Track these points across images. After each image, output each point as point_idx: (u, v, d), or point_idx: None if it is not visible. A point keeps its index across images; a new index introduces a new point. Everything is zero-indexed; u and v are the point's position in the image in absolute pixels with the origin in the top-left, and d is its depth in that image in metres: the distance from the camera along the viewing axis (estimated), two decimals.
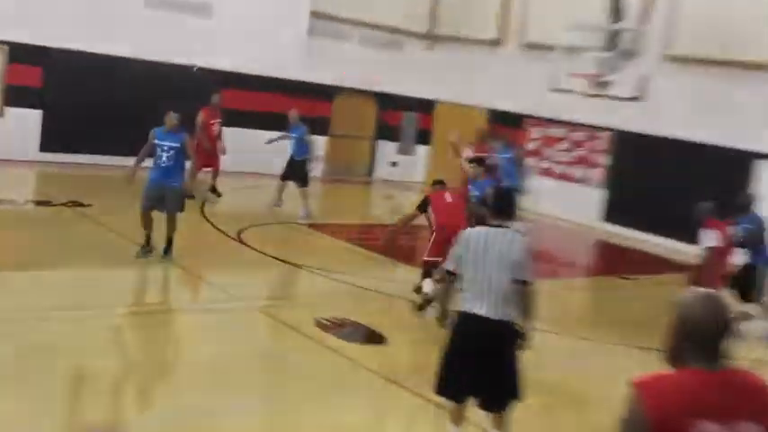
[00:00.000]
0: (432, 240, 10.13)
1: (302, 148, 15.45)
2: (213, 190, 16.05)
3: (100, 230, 12.10)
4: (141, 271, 10.38)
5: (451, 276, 6.08)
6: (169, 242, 10.74)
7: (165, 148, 10.73)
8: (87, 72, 17.34)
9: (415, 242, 14.58)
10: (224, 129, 16.26)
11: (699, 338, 2.89)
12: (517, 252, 5.85)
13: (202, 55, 18.76)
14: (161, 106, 10.85)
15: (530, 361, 6.05)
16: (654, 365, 3.07)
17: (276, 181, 15.47)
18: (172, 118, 10.87)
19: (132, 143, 15.12)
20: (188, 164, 11.59)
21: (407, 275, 12.30)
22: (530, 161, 18.36)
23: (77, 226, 12.32)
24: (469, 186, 11.60)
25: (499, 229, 5.96)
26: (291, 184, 15.29)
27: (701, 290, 3.03)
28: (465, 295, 5.92)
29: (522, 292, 5.87)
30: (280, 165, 15.51)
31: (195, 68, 18.73)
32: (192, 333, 8.79)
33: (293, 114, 15.82)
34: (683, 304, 2.96)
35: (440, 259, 9.08)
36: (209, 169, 15.76)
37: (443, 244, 9.82)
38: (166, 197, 10.69)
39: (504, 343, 5.91)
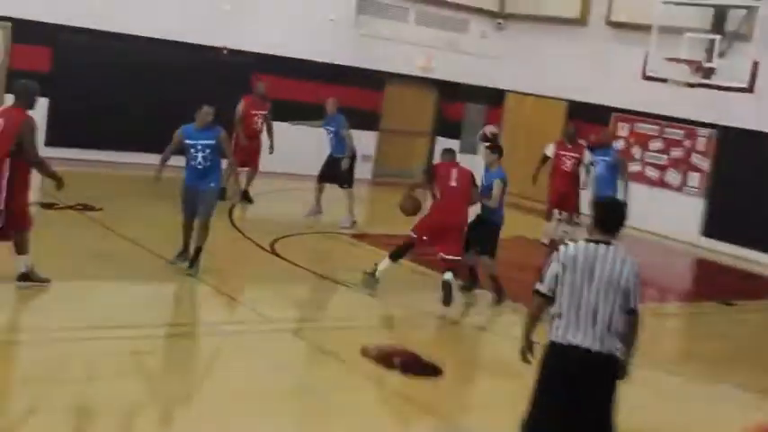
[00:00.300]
0: (425, 216, 11.38)
1: (342, 143, 15.48)
2: (245, 195, 16.26)
3: (111, 238, 12.24)
4: (160, 285, 10.48)
5: (542, 298, 6.06)
6: (197, 253, 10.86)
7: (200, 147, 10.90)
8: (102, 55, 17.51)
9: None
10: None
11: None
12: (629, 276, 5.87)
13: (233, 35, 18.96)
14: (184, 95, 10.98)
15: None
16: (764, 410, 3.00)
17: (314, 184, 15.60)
18: (205, 113, 11.01)
19: (151, 138, 15.47)
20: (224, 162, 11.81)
21: (471, 298, 12.31)
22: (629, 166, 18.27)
23: (86, 231, 12.47)
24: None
25: (607, 247, 5.95)
26: (330, 188, 15.34)
27: None
28: (560, 323, 5.90)
29: (629, 322, 5.95)
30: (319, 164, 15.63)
31: (225, 51, 18.91)
32: (216, 358, 8.85)
33: (331, 103, 15.83)
34: None
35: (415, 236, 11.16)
36: (245, 169, 15.95)
37: (434, 225, 11.23)
38: (199, 200, 10.90)
39: (607, 379, 5.92)
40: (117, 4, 17.52)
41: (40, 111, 16.76)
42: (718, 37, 17.41)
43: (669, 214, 18.95)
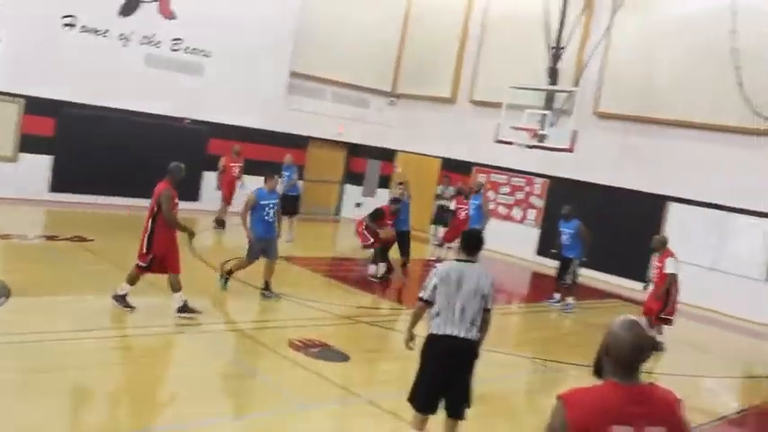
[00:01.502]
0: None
1: (295, 185, 17.17)
2: (220, 222, 17.41)
3: (99, 262, 12.15)
4: (134, 299, 10.42)
5: (423, 303, 6.24)
6: (267, 284, 11.43)
7: (271, 205, 11.24)
8: (94, 123, 17.38)
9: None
10: (215, 173, 17.81)
11: (618, 357, 3.03)
12: (487, 286, 6.16)
13: (193, 109, 18.98)
14: (156, 153, 10.96)
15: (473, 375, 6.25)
16: (581, 380, 3.27)
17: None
18: (275, 181, 11.58)
19: (131, 187, 15.42)
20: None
21: (371, 303, 12.52)
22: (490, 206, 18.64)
23: (80, 257, 12.37)
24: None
25: (471, 265, 6.22)
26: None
27: (628, 317, 3.14)
28: (438, 320, 6.10)
29: (485, 318, 6.21)
30: None
31: (187, 121, 18.91)
32: (179, 352, 8.90)
33: (289, 158, 17.58)
34: (612, 328, 3.10)
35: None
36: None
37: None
38: (271, 246, 11.34)
39: (470, 358, 6.13)
40: (105, 84, 17.40)
41: (45, 164, 16.78)
42: (548, 112, 17.66)
43: (514, 240, 19.30)
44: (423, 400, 6.14)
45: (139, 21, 17.97)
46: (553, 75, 18.32)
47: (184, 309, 9.58)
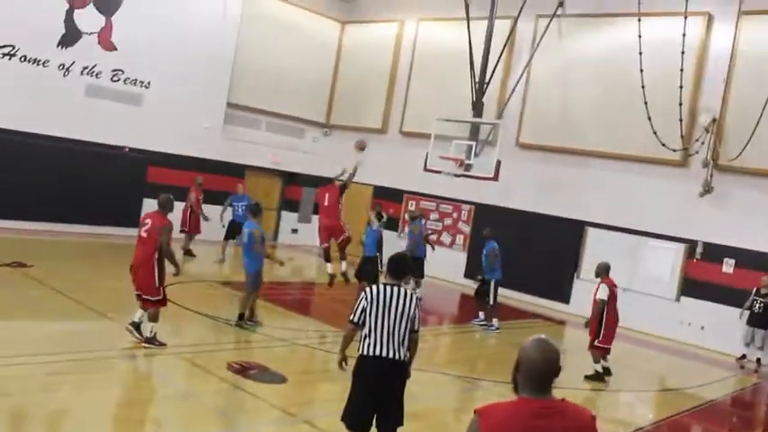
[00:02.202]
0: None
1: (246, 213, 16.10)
2: (188, 252, 17.20)
3: (39, 287, 11.77)
4: (73, 323, 10.14)
5: (353, 326, 6.11)
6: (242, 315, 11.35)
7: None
8: (31, 151, 16.87)
9: (308, 297, 14.73)
10: (180, 204, 16.51)
11: (529, 373, 3.06)
12: (413, 308, 6.03)
13: (133, 138, 18.65)
14: (97, 180, 10.66)
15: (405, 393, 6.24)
16: (505, 396, 3.29)
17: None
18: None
19: (66, 213, 14.95)
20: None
21: (307, 326, 12.43)
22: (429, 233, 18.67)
23: (20, 282, 11.96)
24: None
25: (399, 288, 6.07)
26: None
27: (539, 336, 3.17)
28: (369, 341, 5.98)
29: (413, 339, 6.09)
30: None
31: (126, 149, 18.57)
32: (119, 376, 8.66)
33: (241, 187, 17.96)
34: (523, 346, 3.15)
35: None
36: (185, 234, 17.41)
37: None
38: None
39: (400, 378, 6.05)
40: (44, 113, 16.99)
41: None
42: (474, 143, 17.80)
43: (443, 264, 19.24)
44: (354, 418, 6.03)
45: (79, 52, 17.63)
46: (478, 107, 18.57)
47: (153, 340, 9.40)
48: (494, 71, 18.49)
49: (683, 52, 15.16)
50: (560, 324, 16.59)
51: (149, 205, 18.10)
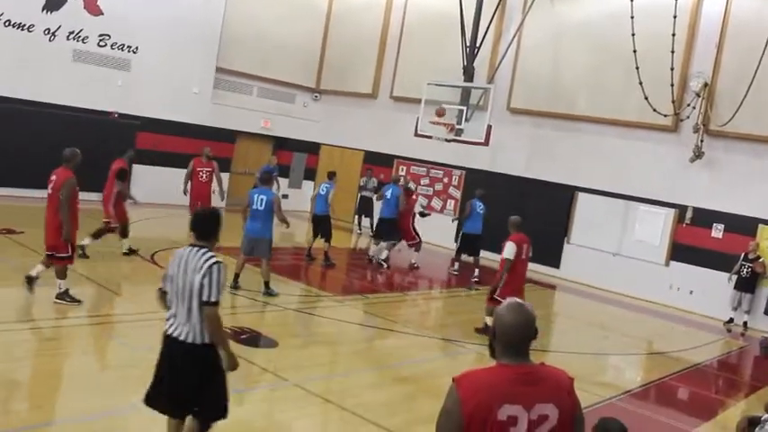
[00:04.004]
0: None
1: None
2: None
3: (30, 254, 11.69)
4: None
5: (159, 292, 5.11)
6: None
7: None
8: (19, 117, 16.68)
9: (299, 262, 14.76)
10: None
11: (507, 339, 3.01)
12: (201, 273, 4.79)
13: (121, 103, 18.46)
14: (86, 147, 10.49)
15: (392, 356, 6.22)
16: (482, 361, 3.27)
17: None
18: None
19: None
20: None
21: (298, 291, 12.44)
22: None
23: (11, 249, 11.89)
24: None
25: (195, 250, 4.95)
26: None
27: (514, 300, 3.11)
28: (168, 315, 5.02)
29: (205, 313, 4.83)
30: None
31: (116, 115, 18.38)
32: (109, 342, 8.64)
33: (273, 159, 18.53)
34: (497, 311, 3.08)
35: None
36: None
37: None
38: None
39: (195, 363, 4.93)
40: (31, 78, 16.78)
41: None
42: (465, 108, 17.66)
43: (434, 228, 19.14)
44: (155, 401, 5.05)
45: (65, 16, 17.35)
46: (469, 72, 18.47)
47: (64, 295, 9.21)
48: (485, 35, 18.36)
49: (675, 16, 15.04)
50: (551, 288, 16.67)
51: (139, 171, 18.08)
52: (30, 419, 5.98)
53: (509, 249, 10.19)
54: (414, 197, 16.86)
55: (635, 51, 15.17)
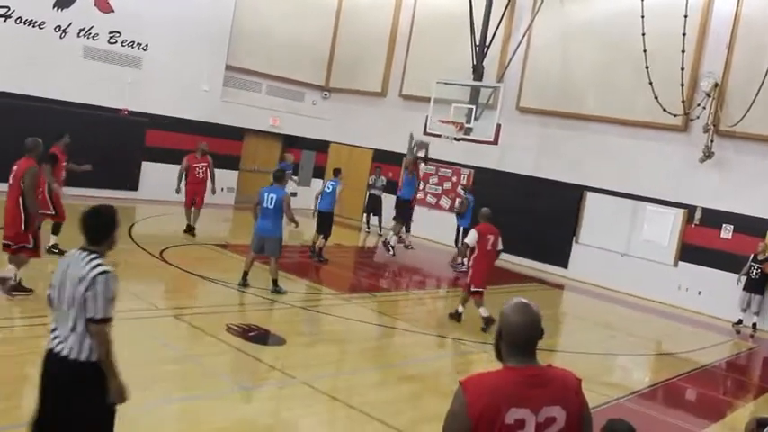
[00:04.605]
0: None
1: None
2: (191, 229, 15.14)
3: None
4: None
5: (48, 300, 4.37)
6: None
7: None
8: (29, 114, 16.64)
9: (307, 260, 14.76)
10: (178, 167, 15.40)
11: (512, 340, 2.98)
12: (85, 284, 4.09)
13: (132, 101, 18.49)
14: (95, 144, 10.56)
15: (398, 354, 6.21)
16: (488, 360, 3.24)
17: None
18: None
19: (69, 175, 14.80)
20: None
21: (305, 288, 12.45)
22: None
23: None
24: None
25: (83, 255, 4.22)
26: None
27: (519, 299, 3.05)
28: (51, 327, 4.28)
29: (91, 330, 4.13)
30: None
31: (126, 112, 18.42)
32: (117, 337, 8.62)
33: (289, 156, 18.79)
34: (503, 311, 3.04)
35: None
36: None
37: None
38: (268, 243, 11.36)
39: (74, 385, 4.15)
40: (42, 75, 16.81)
41: None
42: (474, 107, 17.69)
43: (443, 227, 19.26)
44: (33, 424, 4.26)
45: (76, 13, 17.38)
46: (478, 71, 18.45)
47: (19, 287, 8.97)
48: (494, 35, 18.34)
49: (685, 16, 14.96)
50: (559, 288, 16.63)
51: (148, 168, 18.13)
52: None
53: (470, 236, 11.13)
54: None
55: (645, 51, 15.11)
